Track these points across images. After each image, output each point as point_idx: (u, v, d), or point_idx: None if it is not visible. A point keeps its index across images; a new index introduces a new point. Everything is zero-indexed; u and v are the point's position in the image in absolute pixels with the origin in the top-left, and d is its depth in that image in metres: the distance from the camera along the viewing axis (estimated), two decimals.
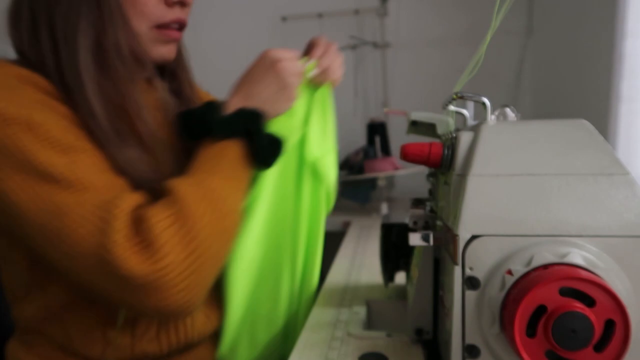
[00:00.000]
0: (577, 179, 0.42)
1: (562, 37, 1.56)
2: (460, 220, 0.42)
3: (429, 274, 0.56)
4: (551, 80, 1.66)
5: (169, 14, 0.68)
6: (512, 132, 0.45)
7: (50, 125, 0.58)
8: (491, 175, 0.43)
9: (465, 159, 0.45)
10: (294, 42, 1.94)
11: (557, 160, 0.43)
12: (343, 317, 0.67)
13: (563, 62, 1.55)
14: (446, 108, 0.54)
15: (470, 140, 0.45)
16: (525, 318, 0.37)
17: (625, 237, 0.40)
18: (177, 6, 0.68)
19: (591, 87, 1.33)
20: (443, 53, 1.83)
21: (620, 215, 0.41)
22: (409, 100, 1.84)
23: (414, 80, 1.87)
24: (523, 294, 0.37)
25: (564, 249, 0.40)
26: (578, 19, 1.43)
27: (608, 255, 0.40)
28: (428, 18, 1.86)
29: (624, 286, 0.40)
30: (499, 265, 0.41)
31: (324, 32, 1.91)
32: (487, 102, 0.48)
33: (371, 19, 1.86)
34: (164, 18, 0.68)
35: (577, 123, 0.44)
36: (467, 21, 1.79)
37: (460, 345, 0.43)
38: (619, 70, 1.09)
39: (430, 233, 0.51)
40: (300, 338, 0.60)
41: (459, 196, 0.44)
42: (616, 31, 1.09)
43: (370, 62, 1.91)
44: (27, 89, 0.60)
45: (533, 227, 0.41)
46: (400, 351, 0.56)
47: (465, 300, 0.42)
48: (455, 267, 0.42)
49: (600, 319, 0.36)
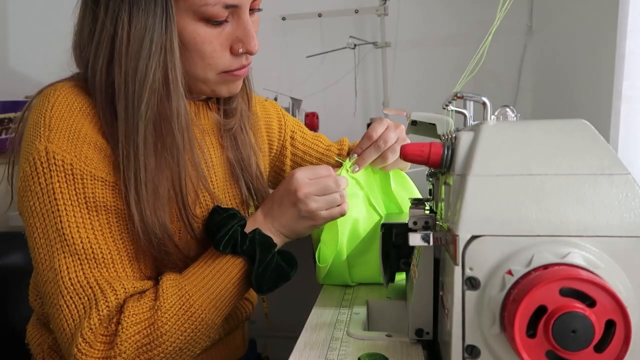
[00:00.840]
0: (577, 179, 0.42)
1: (562, 37, 1.56)
2: (460, 220, 0.42)
3: (429, 274, 0.56)
4: (551, 80, 1.66)
5: (235, 63, 0.69)
6: (512, 132, 0.45)
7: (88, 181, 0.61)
8: (491, 175, 0.43)
9: (465, 159, 0.45)
10: (294, 42, 1.94)
11: (557, 160, 0.42)
12: (343, 318, 0.67)
13: (563, 62, 1.55)
14: (446, 108, 0.54)
15: (470, 140, 0.45)
16: (526, 318, 0.37)
17: (626, 237, 0.40)
18: (243, 54, 0.69)
19: (591, 87, 1.33)
20: (443, 53, 1.83)
21: (621, 215, 0.40)
22: (409, 100, 1.83)
23: (414, 80, 1.87)
24: (523, 294, 0.37)
25: (564, 249, 0.40)
26: (578, 19, 1.43)
27: (608, 255, 0.40)
28: (428, 18, 1.86)
29: (624, 286, 0.40)
30: (499, 266, 0.41)
31: (324, 32, 1.91)
32: (487, 102, 0.48)
33: (371, 19, 1.86)
34: (230, 67, 0.68)
35: (577, 123, 0.44)
36: (467, 21, 1.78)
37: (461, 346, 0.43)
38: (619, 70, 1.09)
39: (430, 233, 0.51)
40: (300, 338, 0.60)
41: (459, 196, 0.44)
42: (616, 31, 1.09)
43: (370, 62, 1.91)
44: (86, 128, 0.62)
45: (533, 227, 0.41)
46: (400, 351, 0.56)
47: (465, 300, 0.42)
48: (455, 267, 0.42)
49: (600, 320, 0.36)
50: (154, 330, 0.60)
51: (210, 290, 0.64)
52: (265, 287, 0.66)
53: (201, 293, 0.64)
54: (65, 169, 0.60)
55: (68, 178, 0.60)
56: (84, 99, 0.64)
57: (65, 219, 0.60)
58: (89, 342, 0.58)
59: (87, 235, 0.60)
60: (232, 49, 0.67)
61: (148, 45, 0.60)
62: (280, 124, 0.94)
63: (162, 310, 0.61)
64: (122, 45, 0.60)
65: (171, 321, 0.61)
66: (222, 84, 0.70)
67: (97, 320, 0.58)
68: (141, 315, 0.60)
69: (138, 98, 0.61)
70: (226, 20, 0.65)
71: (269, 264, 0.66)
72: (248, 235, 0.66)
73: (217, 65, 0.67)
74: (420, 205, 0.61)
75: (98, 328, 0.58)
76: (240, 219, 0.67)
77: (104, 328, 0.59)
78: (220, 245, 0.65)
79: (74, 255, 0.59)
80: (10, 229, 1.37)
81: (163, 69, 0.62)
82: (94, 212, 0.61)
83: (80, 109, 0.63)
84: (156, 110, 0.63)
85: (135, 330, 0.59)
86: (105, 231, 0.62)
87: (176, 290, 0.63)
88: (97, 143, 0.62)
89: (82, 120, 0.62)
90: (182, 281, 0.64)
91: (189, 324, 0.62)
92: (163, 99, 0.63)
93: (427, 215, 0.57)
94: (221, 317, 0.67)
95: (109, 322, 0.59)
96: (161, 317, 0.60)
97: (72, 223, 0.60)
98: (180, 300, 0.62)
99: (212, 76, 0.68)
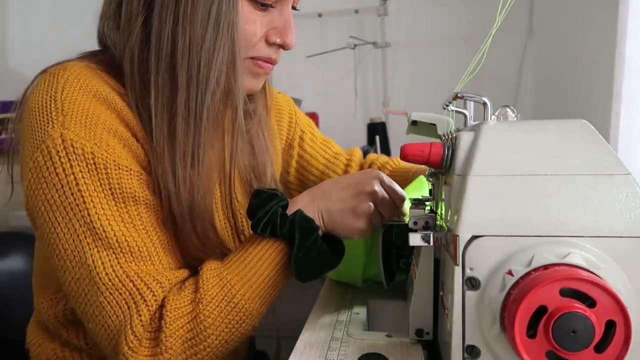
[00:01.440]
0: (577, 179, 0.42)
1: (562, 37, 1.56)
2: (460, 220, 0.42)
3: (429, 274, 0.56)
4: (551, 80, 1.66)
5: (266, 51, 0.68)
6: (512, 132, 0.45)
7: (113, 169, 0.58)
8: (491, 175, 0.43)
9: (465, 159, 0.45)
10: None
11: (557, 160, 0.42)
12: (343, 318, 0.67)
13: (563, 62, 1.55)
14: (446, 108, 0.54)
15: (471, 141, 0.45)
16: (526, 318, 0.37)
17: (626, 238, 0.40)
18: (275, 46, 0.69)
19: (591, 87, 1.33)
20: (443, 53, 1.83)
21: (621, 215, 0.40)
22: (409, 100, 1.84)
23: (414, 80, 1.87)
24: (523, 294, 0.37)
25: (565, 250, 0.40)
26: (578, 19, 1.43)
27: (608, 255, 0.40)
28: (428, 18, 1.86)
29: (625, 287, 0.40)
30: (499, 266, 0.41)
31: (324, 32, 1.91)
32: (487, 102, 0.48)
33: (371, 19, 1.86)
34: (260, 53, 0.68)
35: (577, 123, 0.44)
36: (467, 21, 1.78)
37: (461, 346, 0.43)
38: (619, 70, 1.09)
39: (430, 233, 0.51)
40: (300, 338, 0.60)
41: (459, 196, 0.44)
42: (616, 31, 1.09)
43: (370, 62, 1.91)
44: (104, 115, 0.59)
45: (533, 227, 0.41)
46: (400, 352, 0.56)
47: (466, 300, 0.42)
48: (456, 267, 0.42)
49: (600, 320, 0.36)
50: (197, 324, 0.57)
51: (253, 280, 0.61)
52: (306, 273, 0.62)
53: (243, 282, 0.60)
54: (87, 158, 0.56)
55: (90, 168, 0.56)
56: (99, 81, 0.61)
57: (94, 211, 0.56)
58: (140, 338, 0.55)
59: (120, 227, 0.57)
60: (268, 37, 0.67)
61: (215, 16, 0.60)
62: (290, 121, 0.92)
63: (204, 302, 0.58)
64: (188, 10, 0.59)
65: (214, 313, 0.58)
66: (246, 73, 0.68)
67: (148, 315, 0.56)
68: (183, 309, 0.57)
69: (206, 69, 0.60)
70: (272, 6, 0.66)
71: (310, 249, 0.61)
72: (288, 216, 0.61)
73: (249, 48, 0.66)
74: (421, 205, 0.61)
75: (149, 324, 0.56)
76: (280, 199, 0.63)
77: (149, 334, 0.56)
78: (258, 228, 0.61)
79: (108, 250, 0.56)
80: (10, 229, 1.37)
81: (231, 45, 0.61)
82: (121, 203, 0.58)
83: (95, 93, 0.59)
84: (224, 84, 0.62)
85: (179, 324, 0.56)
86: (137, 222, 0.59)
87: (217, 281, 0.59)
88: (117, 131, 0.59)
89: (99, 106, 0.59)
90: (223, 270, 0.61)
91: (233, 316, 0.59)
92: (230, 74, 0.62)
93: (427, 215, 0.57)
94: (267, 305, 0.63)
95: (155, 325, 0.57)
96: (203, 310, 0.57)
97: (101, 215, 0.56)
98: (222, 291, 0.59)
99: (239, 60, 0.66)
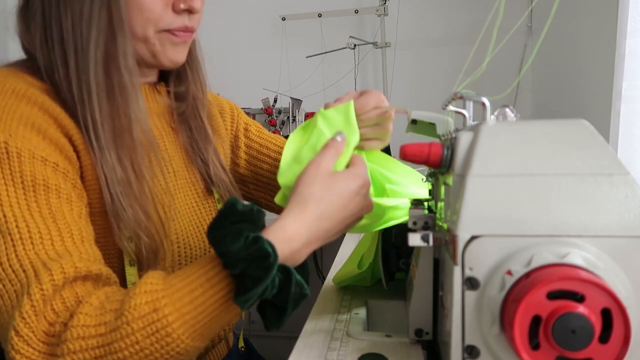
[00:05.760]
0: (577, 179, 0.42)
1: (562, 37, 1.56)
2: (460, 220, 0.42)
3: (429, 274, 0.56)
4: (551, 80, 1.66)
5: (176, 21, 0.66)
6: (512, 132, 0.45)
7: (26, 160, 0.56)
8: (491, 175, 0.43)
9: (465, 159, 0.45)
10: (294, 42, 1.94)
11: (557, 160, 0.42)
12: (343, 318, 0.67)
13: (563, 62, 1.55)
14: (446, 108, 0.54)
15: (470, 141, 0.45)
16: (526, 319, 0.37)
17: (625, 237, 0.40)
18: (185, 13, 0.67)
19: (591, 87, 1.33)
20: (443, 53, 1.83)
21: (620, 215, 0.40)
22: (409, 100, 1.84)
23: (414, 80, 1.87)
24: (523, 294, 0.37)
25: (564, 249, 0.40)
26: (578, 19, 1.43)
27: (608, 255, 0.40)
28: (428, 18, 1.86)
29: (624, 286, 0.40)
30: (498, 266, 0.41)
31: (324, 32, 1.91)
32: (487, 102, 0.48)
33: (371, 19, 1.86)
34: (171, 25, 0.66)
35: (577, 123, 0.44)
36: (467, 21, 1.78)
37: (460, 346, 0.43)
38: (619, 70, 1.09)
39: (430, 233, 0.51)
40: (300, 338, 0.60)
41: (458, 196, 0.44)
42: (617, 31, 1.09)
43: (370, 62, 1.91)
44: (21, 110, 0.59)
45: (533, 227, 0.41)
46: (400, 352, 0.56)
47: (465, 300, 0.42)
48: (455, 267, 0.42)
49: (595, 311, 0.36)
50: (108, 353, 0.49)
51: (195, 315, 0.50)
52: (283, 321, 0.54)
53: (183, 320, 0.50)
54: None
55: (2, 157, 0.55)
56: (17, 80, 0.61)
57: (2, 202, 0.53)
58: (23, 336, 0.49)
59: (23, 214, 0.53)
60: (174, 6, 0.66)
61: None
62: (233, 114, 0.91)
63: (125, 331, 0.48)
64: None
65: (133, 348, 0.48)
66: (162, 45, 0.67)
67: (39, 294, 0.50)
68: (93, 329, 0.49)
69: (86, 39, 0.60)
70: None
71: (294, 301, 0.52)
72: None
73: (156, 20, 0.65)
74: (420, 205, 0.61)
75: (32, 318, 0.49)
76: (255, 227, 0.52)
77: (43, 322, 0.50)
78: (231, 263, 0.50)
79: (6, 237, 0.52)
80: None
81: (107, 7, 0.61)
82: (31, 192, 0.55)
83: (14, 91, 0.60)
84: (104, 50, 0.61)
85: (82, 346, 0.48)
86: (44, 211, 0.55)
87: (149, 310, 0.49)
88: (34, 124, 0.58)
89: (16, 102, 0.59)
90: (162, 297, 0.50)
91: (157, 356, 0.50)
92: (109, 39, 0.62)
93: (427, 215, 0.57)
94: (206, 342, 0.54)
95: (50, 315, 0.50)
96: (121, 341, 0.48)
97: (5, 202, 0.53)
98: (153, 325, 0.49)
99: (151, 34, 0.66)
